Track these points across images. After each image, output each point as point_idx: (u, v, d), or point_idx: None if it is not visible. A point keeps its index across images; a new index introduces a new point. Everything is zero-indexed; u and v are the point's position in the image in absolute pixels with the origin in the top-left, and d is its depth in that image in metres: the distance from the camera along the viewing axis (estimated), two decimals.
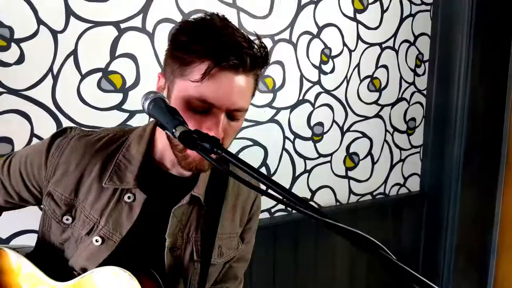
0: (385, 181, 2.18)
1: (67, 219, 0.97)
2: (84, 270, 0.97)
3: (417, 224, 2.31)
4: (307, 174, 1.90)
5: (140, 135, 0.99)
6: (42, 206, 1.02)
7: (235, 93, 0.83)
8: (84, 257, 0.97)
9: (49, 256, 1.02)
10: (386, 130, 2.11)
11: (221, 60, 0.80)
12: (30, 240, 1.33)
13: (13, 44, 1.25)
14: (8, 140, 1.28)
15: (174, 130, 0.73)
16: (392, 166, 2.18)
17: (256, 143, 1.73)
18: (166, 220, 0.98)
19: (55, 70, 1.31)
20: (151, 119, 0.90)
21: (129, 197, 0.96)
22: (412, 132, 2.22)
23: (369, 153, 2.08)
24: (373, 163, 2.11)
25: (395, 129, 2.14)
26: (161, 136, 0.98)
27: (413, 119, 2.20)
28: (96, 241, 0.95)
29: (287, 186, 1.86)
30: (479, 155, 2.17)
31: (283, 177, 1.83)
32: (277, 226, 1.81)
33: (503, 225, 2.27)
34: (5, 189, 1.00)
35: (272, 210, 1.84)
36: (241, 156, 1.11)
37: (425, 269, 2.32)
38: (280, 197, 0.62)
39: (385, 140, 2.12)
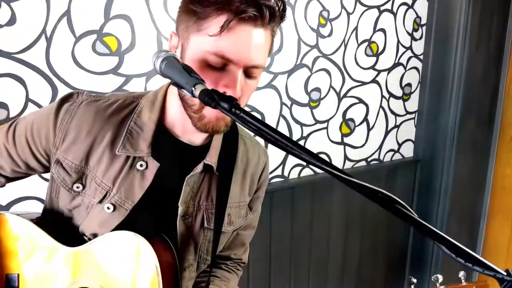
0: (380, 147, 2.19)
1: (77, 187, 0.96)
2: (95, 236, 0.97)
3: (410, 190, 2.35)
4: (303, 140, 1.90)
5: (151, 101, 0.97)
6: (50, 173, 1.01)
7: (253, 47, 0.81)
8: (95, 224, 0.96)
9: (57, 222, 1.01)
10: (382, 96, 2.10)
11: (240, 12, 0.76)
12: (30, 207, 1.32)
13: (3, 4, 1.19)
14: (3, 106, 1.24)
15: (193, 89, 0.71)
16: (387, 132, 2.19)
17: (253, 109, 1.71)
18: (177, 188, 0.97)
19: (48, 32, 1.26)
20: (150, 86, 0.88)
21: (141, 165, 0.94)
22: (408, 98, 2.22)
23: (365, 119, 2.08)
24: (369, 129, 2.11)
25: (391, 94, 2.14)
26: (172, 102, 0.95)
27: (409, 84, 2.20)
28: (108, 208, 0.94)
29: (284, 152, 1.86)
30: (474, 121, 2.19)
31: None
32: (273, 192, 1.82)
33: (495, 190, 2.31)
34: (11, 158, 0.97)
35: (269, 176, 1.84)
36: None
37: (417, 233, 2.37)
38: (304, 158, 0.62)
39: (380, 106, 2.12)
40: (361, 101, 2.03)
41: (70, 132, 0.93)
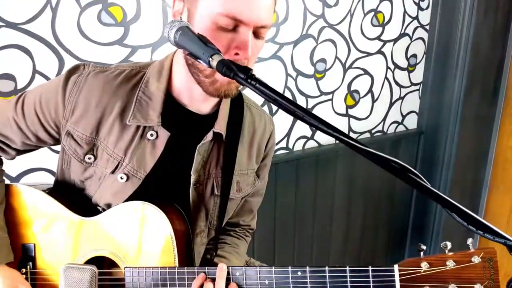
0: (384, 119, 2.20)
1: (89, 158, 0.97)
2: (109, 206, 0.99)
3: (413, 162, 2.36)
4: None
5: (158, 71, 0.97)
6: (61, 145, 1.01)
7: (262, 7, 0.81)
8: (109, 194, 0.98)
9: (69, 193, 1.03)
10: (387, 67, 2.09)
11: None
12: (40, 179, 1.33)
13: None
14: (11, 77, 1.24)
15: (210, 59, 0.71)
16: (391, 104, 2.19)
17: None
18: (188, 156, 0.98)
19: (53, 2, 1.24)
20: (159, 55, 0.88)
21: (151, 135, 0.95)
22: (413, 69, 2.20)
23: (370, 90, 2.07)
24: (373, 101, 2.11)
25: (396, 66, 2.12)
26: (179, 71, 0.95)
27: (414, 55, 2.18)
28: (121, 178, 0.96)
29: (289, 125, 1.86)
30: (478, 93, 2.19)
31: (285, 115, 1.83)
32: (278, 164, 1.83)
33: (497, 161, 2.33)
34: (21, 131, 0.98)
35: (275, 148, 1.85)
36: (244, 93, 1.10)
37: (419, 204, 2.41)
38: (319, 127, 0.63)
39: (385, 78, 2.11)
40: (366, 72, 2.02)
41: (79, 104, 0.94)
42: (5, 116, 0.98)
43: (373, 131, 2.17)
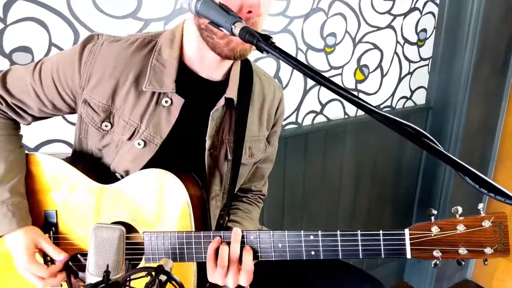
0: (393, 94, 2.20)
1: (106, 126, 1.00)
2: (127, 172, 1.02)
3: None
4: (318, 87, 1.91)
5: (170, 39, 0.99)
6: (78, 114, 1.04)
7: None
8: (127, 160, 1.01)
9: (87, 162, 1.06)
10: (397, 42, 2.09)
11: None
12: (56, 150, 1.36)
13: None
14: (28, 50, 1.25)
15: (233, 27, 0.73)
16: (400, 79, 2.19)
17: (268, 55, 1.71)
18: (202, 123, 1.01)
19: None
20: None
21: (166, 101, 0.98)
22: (423, 44, 2.19)
23: (379, 65, 2.07)
24: (382, 76, 2.11)
25: (406, 40, 2.12)
26: (190, 38, 0.97)
27: (424, 30, 2.17)
28: (139, 144, 0.99)
29: (298, 99, 1.87)
30: (488, 68, 2.18)
31: (294, 90, 1.84)
32: (287, 138, 1.85)
33: (504, 136, 2.34)
34: (38, 97, 1.00)
35: (283, 123, 1.87)
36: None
37: (426, 177, 2.43)
38: (336, 91, 0.65)
39: (395, 52, 2.10)
40: (376, 47, 2.01)
41: (94, 73, 0.96)
42: (23, 82, 1.00)
43: (381, 106, 2.18)
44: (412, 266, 2.63)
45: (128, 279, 0.65)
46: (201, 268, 0.96)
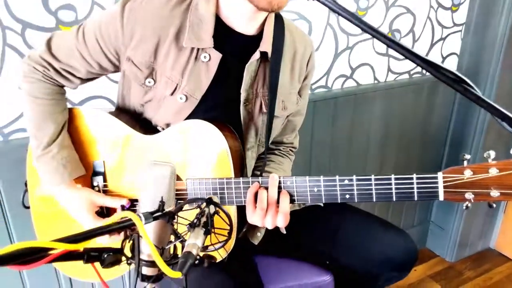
0: None
1: (149, 82, 1.04)
2: (168, 126, 1.07)
3: (450, 105, 2.36)
4: (349, 50, 1.92)
5: None
6: (121, 71, 1.09)
7: None
8: (170, 114, 1.06)
9: (129, 117, 1.12)
10: (431, 6, 2.06)
11: None
12: (99, 106, 1.43)
13: None
14: (72, 8, 1.31)
15: None
16: (432, 45, 2.17)
17: (301, 16, 1.73)
18: (238, 77, 1.05)
19: None
20: None
21: (205, 57, 1.02)
22: (457, 9, 2.16)
23: (411, 30, 2.06)
24: (414, 41, 2.10)
25: (440, 5, 2.09)
26: None
27: None
28: (181, 98, 1.04)
29: (329, 63, 1.89)
30: None
31: (325, 53, 1.85)
32: (316, 102, 1.88)
33: None
34: (85, 59, 1.05)
35: (313, 87, 1.90)
36: None
37: (454, 145, 2.43)
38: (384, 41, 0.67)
39: (428, 17, 2.08)
40: (408, 11, 2.00)
41: (136, 30, 1.00)
42: (68, 47, 1.05)
43: (411, 72, 2.17)
44: (434, 233, 2.66)
45: (180, 208, 0.71)
46: (239, 212, 1.02)
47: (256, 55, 1.04)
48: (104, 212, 1.12)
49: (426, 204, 2.61)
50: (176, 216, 0.72)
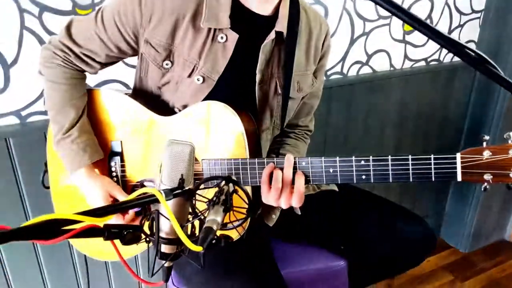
0: (441, 48, 2.15)
1: (167, 64, 1.05)
2: (185, 107, 1.08)
3: (467, 93, 2.33)
4: (365, 36, 1.89)
5: None
6: (139, 54, 1.08)
7: None
8: (187, 96, 1.06)
9: (146, 99, 1.12)
10: None
11: None
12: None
13: None
14: None
15: None
16: (449, 32, 2.14)
17: (317, 1, 1.71)
18: (254, 57, 1.05)
19: None
20: None
21: (222, 38, 1.02)
22: None
23: (429, 16, 2.02)
24: None
25: None
26: None
27: None
28: (198, 80, 1.04)
29: (345, 49, 1.87)
30: None
31: (341, 39, 1.84)
32: (331, 88, 1.87)
33: None
34: (104, 44, 1.05)
35: (328, 73, 1.88)
36: None
37: (471, 136, 2.40)
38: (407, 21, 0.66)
39: (446, 3, 2.04)
40: None
41: (154, 13, 1.00)
42: (88, 32, 1.05)
43: (428, 59, 2.14)
44: (449, 224, 2.64)
45: (200, 186, 0.72)
46: (253, 194, 1.02)
47: (271, 35, 1.04)
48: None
49: (441, 194, 2.59)
50: (195, 194, 0.73)
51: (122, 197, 1.09)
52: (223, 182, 0.73)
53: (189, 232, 0.74)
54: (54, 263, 1.56)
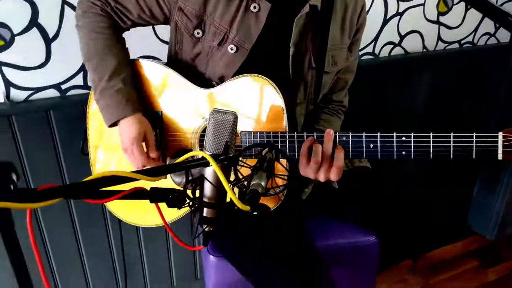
0: (475, 30, 2.11)
1: (198, 33, 1.06)
2: (221, 79, 1.09)
3: (501, 76, 2.28)
4: (398, 16, 1.87)
5: None
6: (173, 23, 1.10)
7: None
8: (221, 66, 1.07)
9: (182, 72, 1.13)
10: None
11: None
12: None
13: None
14: None
15: None
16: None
17: None
18: (287, 30, 1.05)
19: None
20: None
21: (254, 7, 1.02)
22: None
23: None
24: (466, 9, 2.02)
25: None
26: None
27: None
28: (231, 49, 1.05)
29: (378, 28, 1.85)
30: None
31: (374, 19, 1.82)
32: (362, 67, 1.84)
33: None
34: (139, 4, 1.07)
35: (359, 53, 1.87)
36: None
37: (504, 115, 2.34)
38: None
39: None
40: None
41: None
42: None
43: (462, 42, 2.10)
44: (476, 211, 2.61)
45: (243, 152, 0.73)
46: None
47: (306, 8, 1.03)
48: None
49: (468, 181, 2.55)
50: (239, 161, 0.75)
51: (151, 145, 1.08)
52: (266, 150, 0.74)
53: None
54: (88, 225, 1.60)
